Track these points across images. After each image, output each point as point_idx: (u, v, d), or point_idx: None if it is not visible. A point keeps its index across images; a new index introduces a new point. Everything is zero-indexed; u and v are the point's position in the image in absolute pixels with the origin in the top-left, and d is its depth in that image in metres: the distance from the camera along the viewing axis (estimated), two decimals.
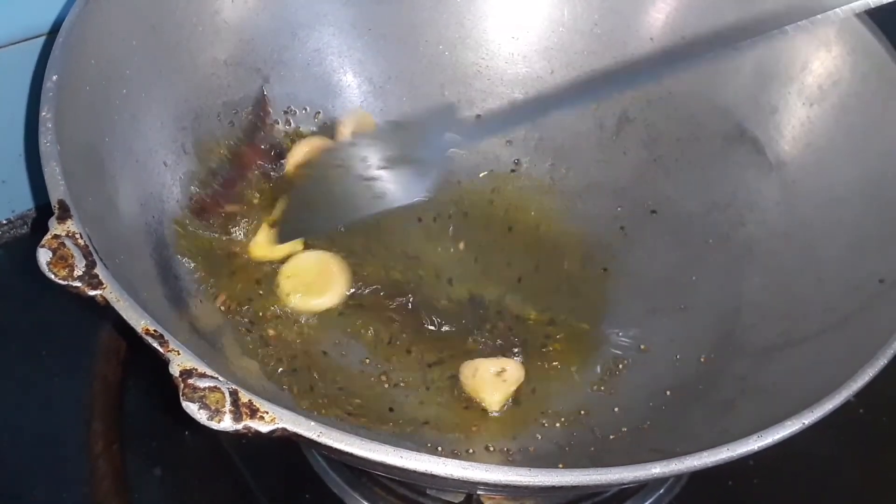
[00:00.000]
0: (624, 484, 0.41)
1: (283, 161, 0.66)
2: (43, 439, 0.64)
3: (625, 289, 0.66)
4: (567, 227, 0.69)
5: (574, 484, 0.40)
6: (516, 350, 0.62)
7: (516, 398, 0.59)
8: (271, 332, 0.59)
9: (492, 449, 0.56)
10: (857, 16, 0.61)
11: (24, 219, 0.75)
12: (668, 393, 0.59)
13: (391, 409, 0.57)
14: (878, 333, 0.48)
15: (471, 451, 0.56)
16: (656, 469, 0.40)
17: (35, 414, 0.65)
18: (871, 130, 0.60)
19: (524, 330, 0.63)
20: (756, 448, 0.42)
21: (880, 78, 0.60)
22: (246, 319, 0.59)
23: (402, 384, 0.59)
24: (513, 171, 0.71)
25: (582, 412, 0.59)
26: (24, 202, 0.74)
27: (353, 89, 0.70)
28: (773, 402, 0.52)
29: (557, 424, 0.58)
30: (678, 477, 0.61)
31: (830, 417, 0.44)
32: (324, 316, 0.61)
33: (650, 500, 0.60)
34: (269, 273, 0.62)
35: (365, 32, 0.70)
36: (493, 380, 0.59)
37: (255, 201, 0.63)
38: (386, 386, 0.59)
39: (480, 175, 0.71)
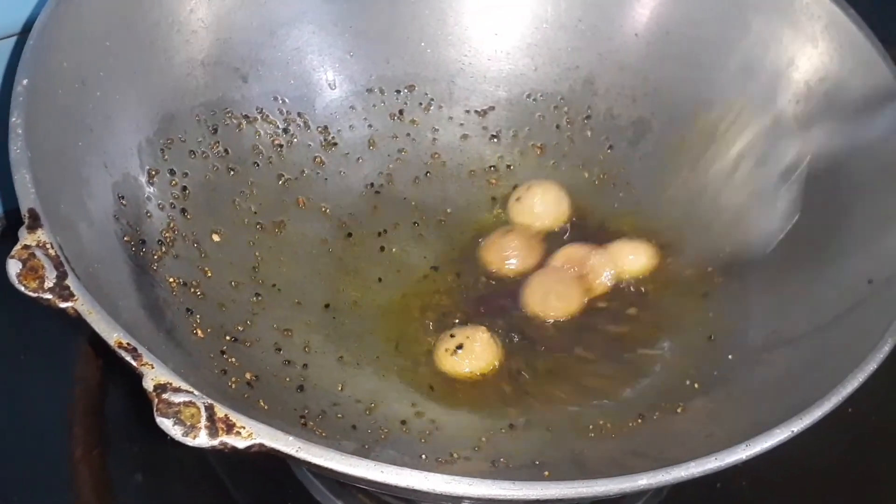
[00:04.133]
0: (610, 495, 0.40)
1: None
2: (22, 444, 0.63)
3: None
4: None
5: (559, 497, 0.39)
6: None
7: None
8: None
9: (478, 450, 0.55)
10: (844, 11, 0.60)
11: None
12: (652, 395, 0.58)
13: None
14: (867, 335, 0.48)
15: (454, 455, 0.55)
16: (643, 480, 0.40)
17: (14, 418, 0.64)
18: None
19: None
20: (744, 457, 0.41)
21: (867, 74, 0.59)
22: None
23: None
24: (493, 167, 0.71)
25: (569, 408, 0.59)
26: None
27: (333, 88, 0.69)
28: (760, 405, 0.52)
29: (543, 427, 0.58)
30: None
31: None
32: None
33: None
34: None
35: (346, 30, 0.68)
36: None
37: None
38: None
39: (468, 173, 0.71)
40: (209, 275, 0.59)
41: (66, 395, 0.64)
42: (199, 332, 0.54)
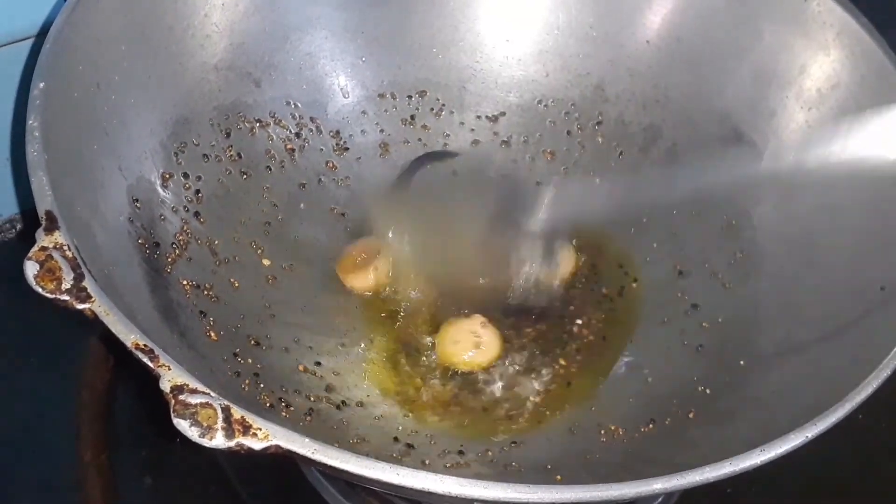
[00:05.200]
0: (625, 500, 0.40)
1: None
2: (30, 448, 0.63)
3: None
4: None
5: (574, 500, 0.39)
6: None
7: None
8: None
9: (490, 454, 0.56)
10: (856, 18, 0.60)
11: (13, 222, 0.74)
12: (664, 400, 0.58)
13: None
14: (879, 342, 0.47)
15: (464, 453, 0.56)
16: (658, 485, 0.40)
17: (22, 422, 0.64)
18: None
19: None
20: (759, 462, 0.41)
21: (879, 81, 0.59)
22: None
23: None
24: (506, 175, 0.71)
25: (576, 421, 0.59)
26: (9, 207, 0.73)
27: (346, 93, 0.69)
28: (773, 411, 0.51)
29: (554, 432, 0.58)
30: None
31: None
32: None
33: None
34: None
35: (358, 35, 0.69)
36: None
37: None
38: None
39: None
40: (222, 277, 0.59)
41: (74, 399, 0.64)
42: (213, 334, 0.54)
